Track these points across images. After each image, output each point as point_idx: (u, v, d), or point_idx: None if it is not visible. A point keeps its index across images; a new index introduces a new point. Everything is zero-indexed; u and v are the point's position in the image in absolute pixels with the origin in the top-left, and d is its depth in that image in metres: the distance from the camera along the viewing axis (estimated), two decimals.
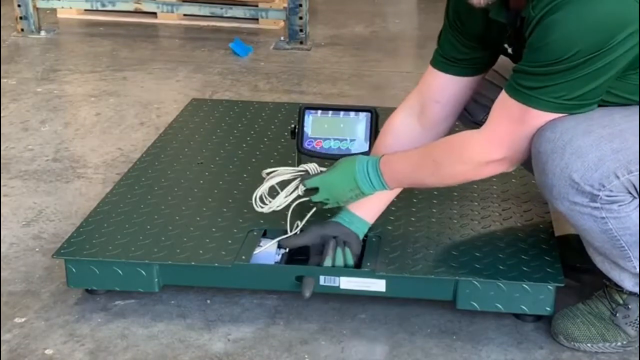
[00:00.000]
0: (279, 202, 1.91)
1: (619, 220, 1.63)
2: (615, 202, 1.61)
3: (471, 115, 2.04)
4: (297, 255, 1.96)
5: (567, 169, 1.59)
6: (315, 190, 1.88)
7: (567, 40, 1.52)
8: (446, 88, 1.92)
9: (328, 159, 2.05)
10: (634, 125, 1.61)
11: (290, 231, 1.94)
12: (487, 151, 1.70)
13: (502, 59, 1.90)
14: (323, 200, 1.88)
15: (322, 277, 1.85)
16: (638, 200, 1.63)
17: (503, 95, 1.67)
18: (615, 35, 1.51)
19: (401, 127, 1.96)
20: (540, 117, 1.62)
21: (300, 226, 1.95)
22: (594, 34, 1.51)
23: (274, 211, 1.93)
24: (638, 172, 1.58)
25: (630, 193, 1.61)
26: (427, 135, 1.93)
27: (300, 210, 1.95)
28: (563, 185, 1.61)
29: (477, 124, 1.98)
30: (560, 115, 1.61)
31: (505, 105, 1.66)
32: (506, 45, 1.78)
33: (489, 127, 1.70)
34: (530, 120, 1.64)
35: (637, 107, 1.66)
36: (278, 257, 1.93)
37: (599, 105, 1.63)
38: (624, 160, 1.58)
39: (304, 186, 1.88)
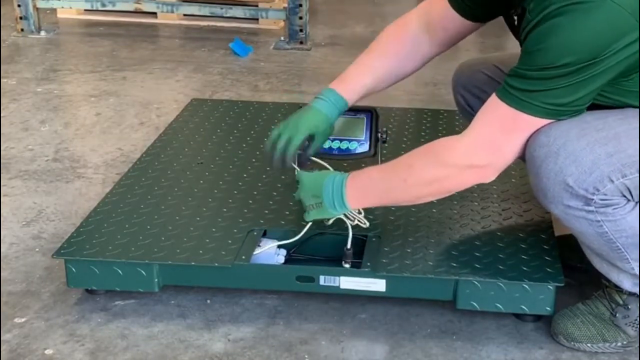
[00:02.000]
0: None
1: (614, 223, 1.63)
2: (609, 205, 1.61)
3: (473, 110, 2.04)
4: (297, 255, 1.96)
5: (561, 173, 1.59)
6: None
7: (565, 46, 1.51)
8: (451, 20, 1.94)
9: (328, 159, 2.05)
10: (628, 128, 1.61)
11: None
12: (471, 154, 1.67)
13: (504, 56, 1.89)
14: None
15: (322, 277, 1.85)
16: (633, 203, 1.63)
17: (493, 99, 1.64)
18: (612, 44, 1.51)
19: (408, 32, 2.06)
20: (530, 123, 1.61)
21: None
22: (592, 42, 1.50)
23: (276, 209, 1.97)
24: (632, 176, 1.58)
25: (624, 196, 1.61)
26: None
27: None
28: (557, 189, 1.61)
29: None
30: (551, 120, 1.61)
31: (494, 109, 1.63)
32: (515, 17, 1.72)
33: (475, 130, 1.67)
34: (519, 125, 1.62)
35: (631, 110, 1.65)
36: (278, 258, 1.93)
37: (591, 107, 1.63)
38: (618, 164, 1.57)
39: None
